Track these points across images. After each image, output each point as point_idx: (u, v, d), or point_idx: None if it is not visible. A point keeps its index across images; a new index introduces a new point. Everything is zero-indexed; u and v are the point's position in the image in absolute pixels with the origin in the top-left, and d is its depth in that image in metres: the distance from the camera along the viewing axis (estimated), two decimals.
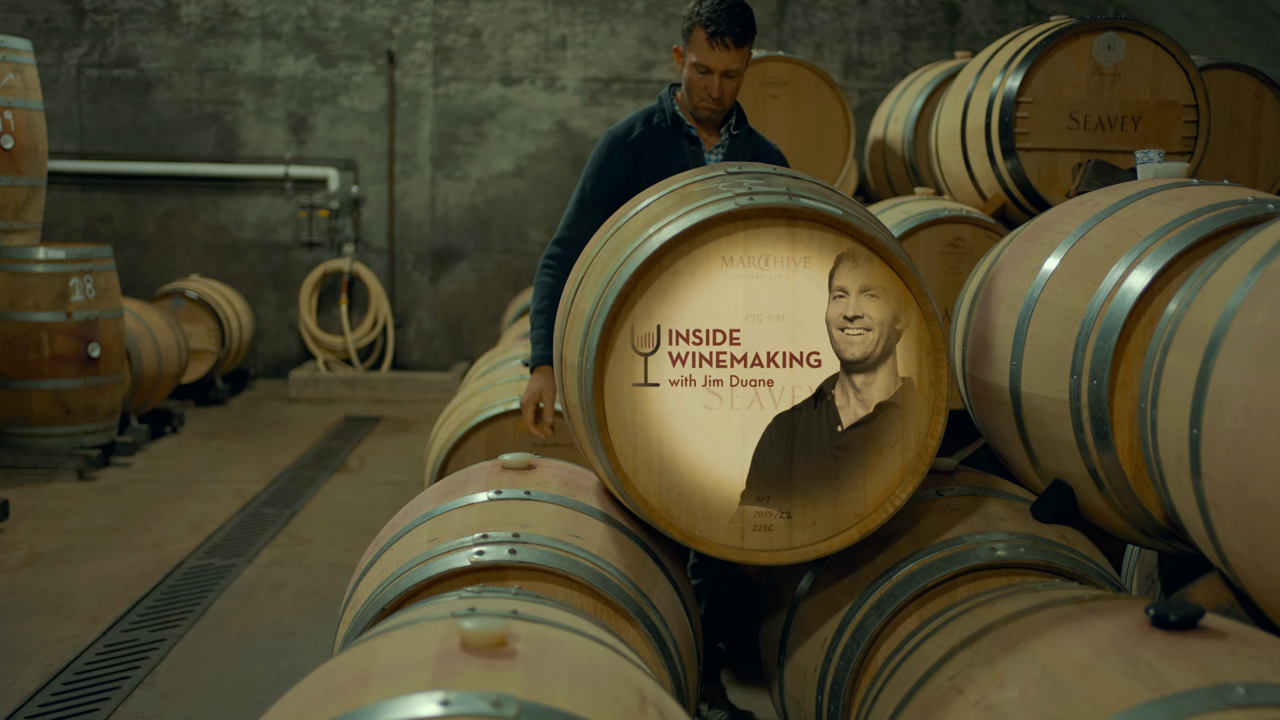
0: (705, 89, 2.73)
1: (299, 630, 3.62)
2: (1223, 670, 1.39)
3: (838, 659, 2.06)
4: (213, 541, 4.55)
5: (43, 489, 5.32)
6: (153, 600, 3.88)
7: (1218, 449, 1.54)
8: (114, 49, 8.46)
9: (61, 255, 5.65)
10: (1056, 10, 8.27)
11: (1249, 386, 1.49)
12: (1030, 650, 1.61)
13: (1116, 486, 2.02)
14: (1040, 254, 2.21)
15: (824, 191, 2.14)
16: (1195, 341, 1.65)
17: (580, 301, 2.16)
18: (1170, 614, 1.49)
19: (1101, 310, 1.99)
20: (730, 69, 2.70)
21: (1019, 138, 3.26)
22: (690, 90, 2.77)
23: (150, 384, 6.36)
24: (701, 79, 2.72)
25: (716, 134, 2.88)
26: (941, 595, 2.05)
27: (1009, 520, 2.16)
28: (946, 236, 3.44)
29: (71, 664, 3.33)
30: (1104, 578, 2.06)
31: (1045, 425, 2.12)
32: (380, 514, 4.86)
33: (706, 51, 2.69)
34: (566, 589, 1.97)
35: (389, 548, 2.12)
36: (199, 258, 8.64)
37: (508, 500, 2.13)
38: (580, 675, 1.34)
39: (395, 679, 1.27)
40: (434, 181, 8.64)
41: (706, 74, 2.71)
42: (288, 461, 6.01)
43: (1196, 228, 1.93)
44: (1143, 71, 3.18)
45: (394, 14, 8.49)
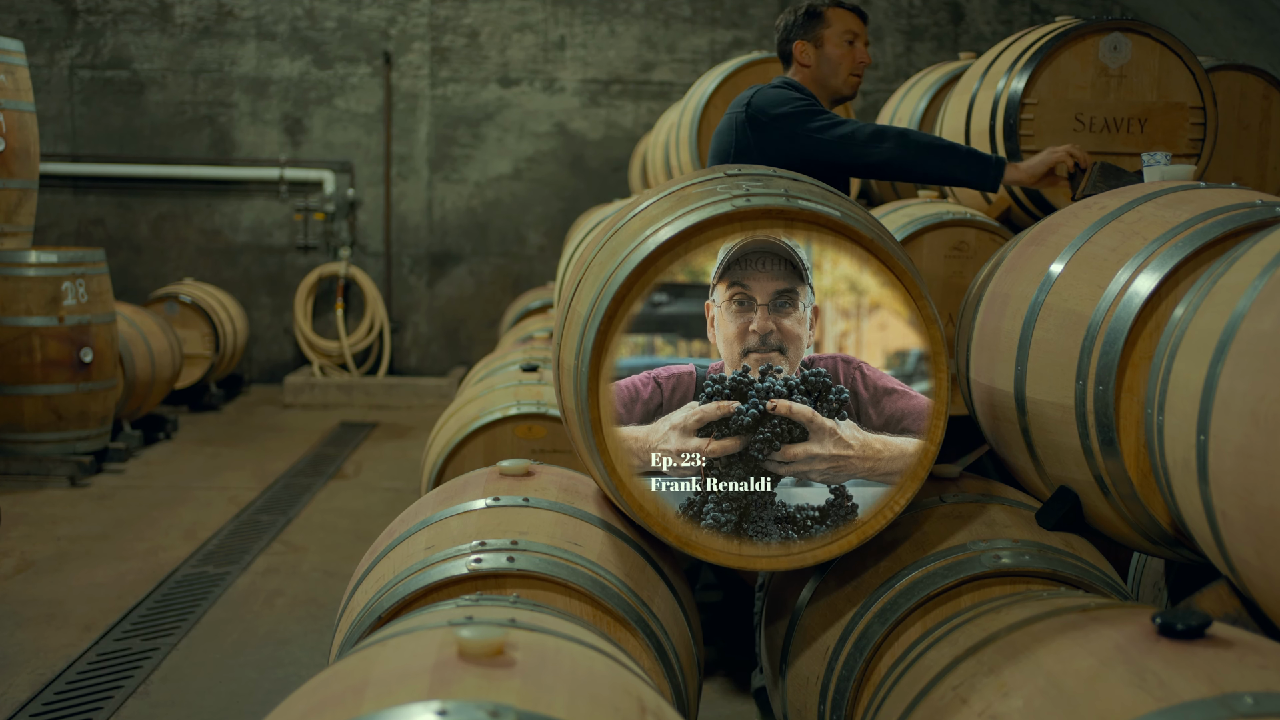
0: (857, 58, 3.00)
1: (294, 639, 3.59)
2: (1230, 680, 1.38)
3: (840, 668, 2.04)
4: (207, 549, 4.52)
5: (34, 496, 5.28)
6: (146, 608, 3.85)
7: (1225, 455, 1.53)
8: (107, 50, 8.42)
9: (53, 259, 5.62)
10: (1062, 11, 8.27)
11: (1257, 392, 1.47)
12: (1035, 659, 1.59)
13: (1123, 493, 2.00)
14: (1045, 258, 2.19)
15: (823, 193, 2.13)
16: (1202, 346, 1.63)
17: (577, 304, 2.15)
18: (1177, 623, 1.47)
19: (1107, 315, 1.97)
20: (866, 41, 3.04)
21: (1024, 140, 3.24)
22: (838, 68, 3.00)
23: (143, 389, 6.33)
24: (850, 51, 2.99)
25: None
26: (945, 603, 2.03)
27: (1013, 527, 2.14)
28: (950, 240, 3.41)
29: (64, 673, 3.30)
30: (1110, 586, 2.04)
31: (1050, 431, 2.10)
32: (376, 521, 4.84)
33: (852, 20, 2.99)
34: (565, 597, 1.95)
35: (385, 555, 2.10)
36: (193, 261, 8.60)
37: (506, 507, 2.11)
38: (579, 685, 1.33)
39: (392, 688, 1.26)
40: (431, 184, 8.62)
41: (853, 44, 2.98)
42: (283, 468, 5.98)
43: (1203, 231, 1.91)
44: (1149, 73, 3.16)
45: (390, 14, 8.47)
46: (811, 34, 3.01)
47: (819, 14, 2.99)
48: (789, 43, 3.05)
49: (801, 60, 3.03)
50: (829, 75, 3.02)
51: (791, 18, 3.05)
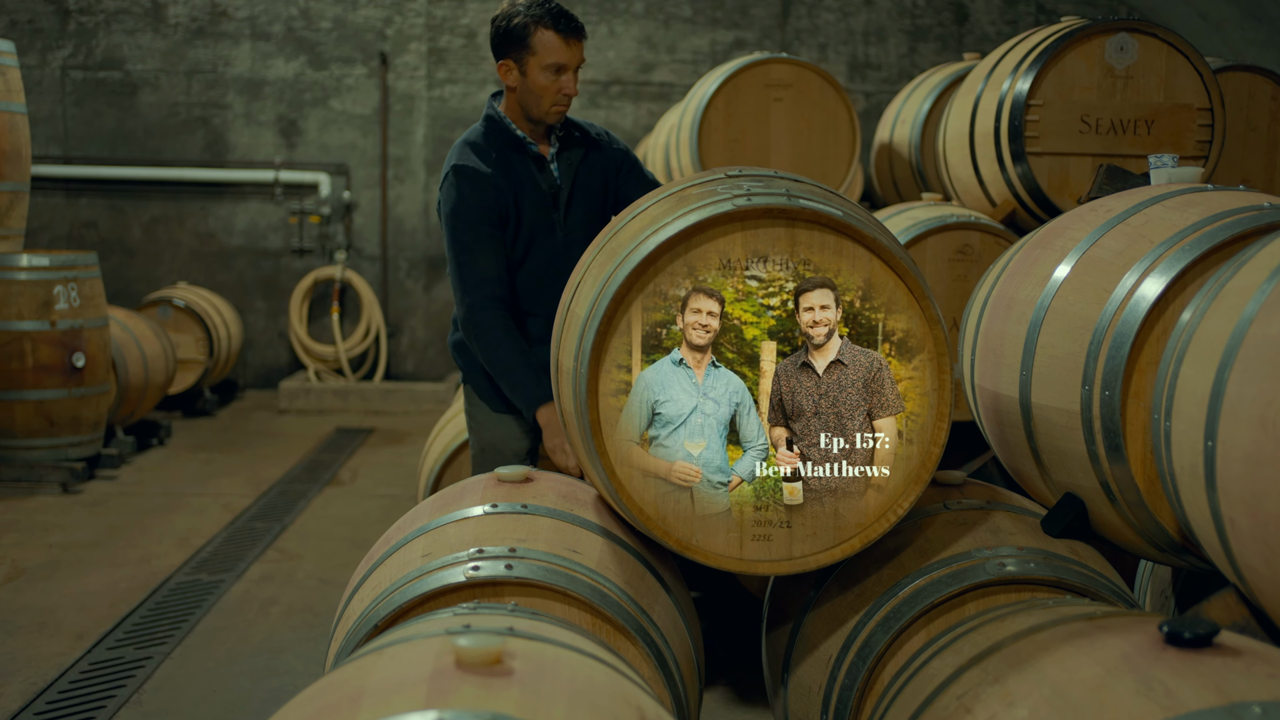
0: (561, 89, 2.75)
1: (289, 648, 3.56)
2: (1238, 689, 1.36)
3: (843, 677, 2.02)
4: (201, 556, 4.49)
5: (26, 502, 5.25)
6: (139, 617, 3.82)
7: (1233, 462, 1.51)
8: (99, 50, 8.39)
9: (45, 262, 5.59)
10: (1067, 11, 8.25)
11: (1265, 398, 1.46)
12: (1040, 668, 1.57)
13: (1129, 500, 1.98)
14: (1051, 261, 2.17)
15: (825, 194, 2.11)
16: (1210, 351, 1.61)
17: (575, 307, 2.13)
18: (1184, 631, 1.46)
19: (1114, 319, 1.95)
20: (579, 63, 2.75)
21: (1029, 142, 3.22)
22: (540, 98, 2.76)
23: (136, 395, 6.29)
24: (555, 81, 2.74)
25: (547, 140, 2.88)
26: (949, 611, 2.01)
27: (1018, 534, 2.12)
28: (954, 243, 3.40)
29: (55, 682, 3.27)
30: (1116, 594, 2.02)
31: (1056, 437, 2.08)
32: (373, 528, 4.82)
33: (563, 49, 2.72)
34: (564, 605, 1.93)
35: (382, 563, 2.08)
36: (186, 265, 8.56)
37: (504, 514, 2.09)
38: (578, 694, 1.32)
39: (388, 698, 1.25)
40: (428, 186, 8.59)
41: (560, 73, 2.73)
42: (278, 474, 5.95)
43: (1211, 234, 1.89)
44: (1156, 74, 3.13)
45: (387, 15, 8.45)
46: (517, 56, 2.75)
47: (523, 39, 2.72)
48: (495, 57, 2.80)
49: (506, 80, 2.79)
50: (530, 105, 2.78)
51: (494, 29, 2.76)
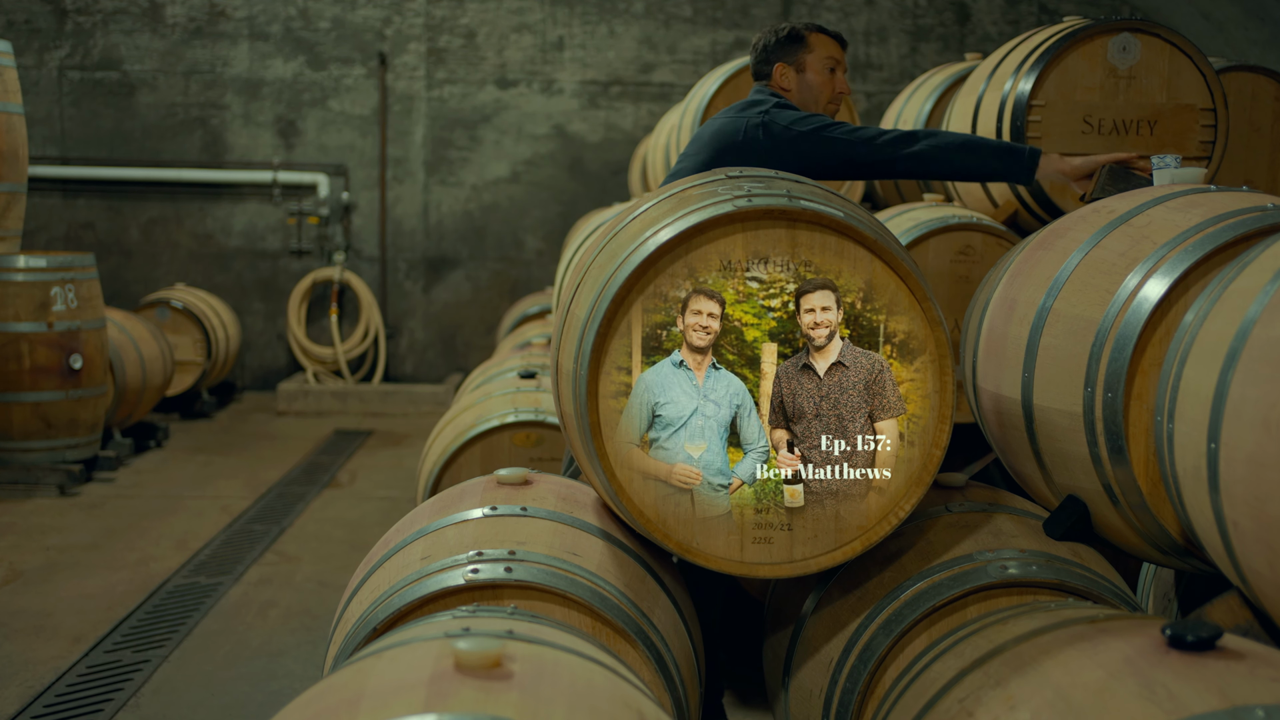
0: (837, 87, 2.98)
1: (288, 651, 3.55)
2: (1241, 692, 1.36)
3: (844, 680, 2.01)
4: (199, 559, 4.47)
5: (23, 505, 5.23)
6: (137, 620, 3.80)
7: (1236, 464, 1.51)
8: (97, 50, 8.38)
9: (42, 264, 5.57)
10: (1070, 11, 8.24)
11: (1269, 399, 1.45)
12: (1043, 671, 1.57)
13: (1132, 502, 1.97)
14: (1053, 262, 2.17)
15: (826, 195, 2.10)
16: (1213, 353, 1.61)
17: (576, 308, 2.12)
18: (1187, 634, 1.45)
19: (1116, 320, 1.94)
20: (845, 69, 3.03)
21: (1031, 142, 3.21)
22: (819, 95, 2.97)
23: (134, 397, 6.28)
24: (831, 78, 2.96)
25: None
26: (951, 615, 2.00)
27: (1020, 537, 2.11)
28: (956, 244, 3.38)
29: (53, 686, 3.26)
30: (1119, 597, 2.02)
31: (1058, 439, 2.08)
32: (372, 531, 4.80)
33: (833, 47, 2.96)
34: (564, 608, 1.92)
35: (380, 566, 2.07)
36: (184, 266, 8.55)
37: (503, 516, 2.08)
38: (578, 697, 1.31)
39: (387, 701, 1.25)
40: (427, 187, 8.58)
41: (834, 71, 2.96)
42: (276, 477, 5.93)
43: (1214, 235, 1.89)
44: (1159, 74, 3.12)
45: (386, 15, 8.43)
46: (793, 58, 2.93)
47: (801, 37, 2.93)
48: (768, 64, 2.97)
49: (781, 84, 2.95)
50: (809, 102, 2.94)
51: (772, 38, 2.97)
